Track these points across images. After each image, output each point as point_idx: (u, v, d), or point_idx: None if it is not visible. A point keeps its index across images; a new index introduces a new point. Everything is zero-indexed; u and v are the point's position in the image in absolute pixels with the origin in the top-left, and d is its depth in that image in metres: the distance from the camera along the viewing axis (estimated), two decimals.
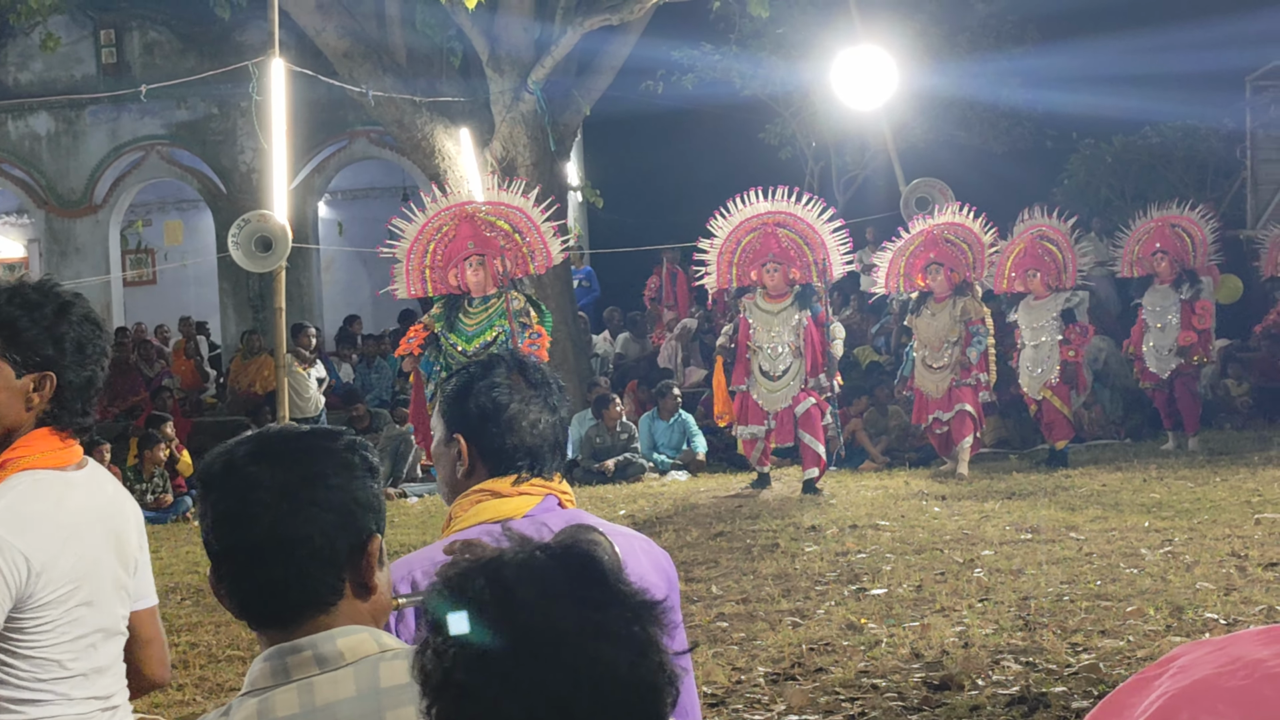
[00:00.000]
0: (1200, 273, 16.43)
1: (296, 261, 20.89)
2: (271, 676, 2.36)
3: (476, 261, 13.12)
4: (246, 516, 2.38)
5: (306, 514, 2.38)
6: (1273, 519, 11.61)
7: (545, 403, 3.32)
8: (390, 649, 2.40)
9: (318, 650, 2.36)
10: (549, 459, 3.32)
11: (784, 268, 14.44)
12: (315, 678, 2.35)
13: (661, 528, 12.79)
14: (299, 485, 2.39)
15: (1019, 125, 25.10)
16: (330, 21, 18.19)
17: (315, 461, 2.43)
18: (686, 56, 23.58)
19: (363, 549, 2.44)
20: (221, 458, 2.45)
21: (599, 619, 1.76)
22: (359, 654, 2.37)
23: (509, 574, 1.80)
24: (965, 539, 11.47)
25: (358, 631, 2.40)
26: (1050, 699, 7.12)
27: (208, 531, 2.44)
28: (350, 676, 2.35)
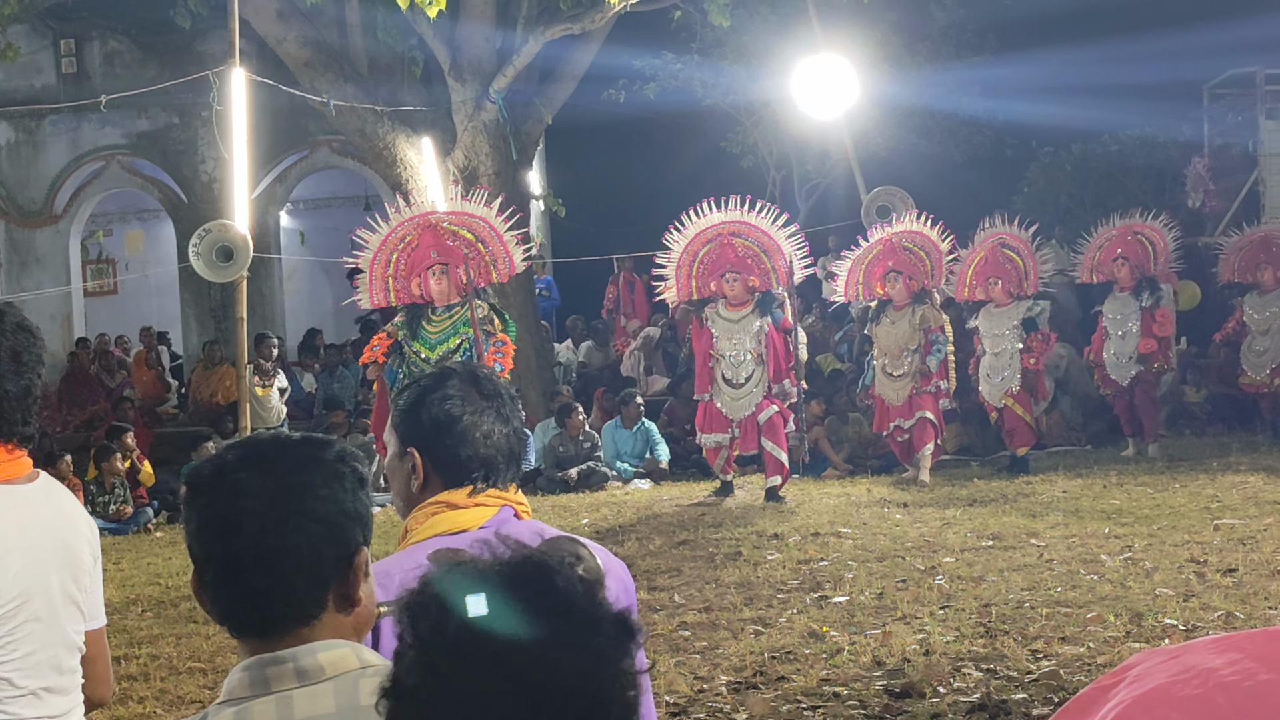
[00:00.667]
0: (1160, 280, 16.52)
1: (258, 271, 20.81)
2: (250, 687, 2.34)
3: (439, 271, 13.11)
4: (233, 524, 2.36)
5: (295, 524, 2.36)
6: (1231, 525, 11.68)
7: (498, 414, 3.31)
8: (371, 665, 2.39)
9: (298, 663, 2.34)
10: (504, 470, 3.31)
11: (743, 277, 14.47)
12: (295, 691, 2.33)
13: (624, 536, 12.79)
14: (288, 495, 2.37)
15: (979, 134, 25.24)
16: (291, 30, 18.15)
17: (305, 471, 2.41)
18: (648, 65, 23.64)
19: (349, 562, 2.42)
20: (211, 462, 2.44)
21: (550, 630, 1.77)
22: (340, 669, 2.35)
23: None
24: (927, 546, 11.51)
25: (339, 646, 2.38)
26: (1011, 706, 7.15)
27: (192, 536, 2.41)
28: (330, 692, 2.33)
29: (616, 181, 27.20)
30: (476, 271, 13.24)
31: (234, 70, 13.85)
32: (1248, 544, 10.88)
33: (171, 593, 11.58)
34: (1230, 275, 17.04)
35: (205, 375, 20.24)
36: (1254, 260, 16.73)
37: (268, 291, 23.06)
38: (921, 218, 15.63)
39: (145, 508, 15.87)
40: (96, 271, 26.42)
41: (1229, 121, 23.70)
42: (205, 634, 9.89)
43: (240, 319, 13.80)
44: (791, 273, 14.62)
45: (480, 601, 1.77)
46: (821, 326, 21.10)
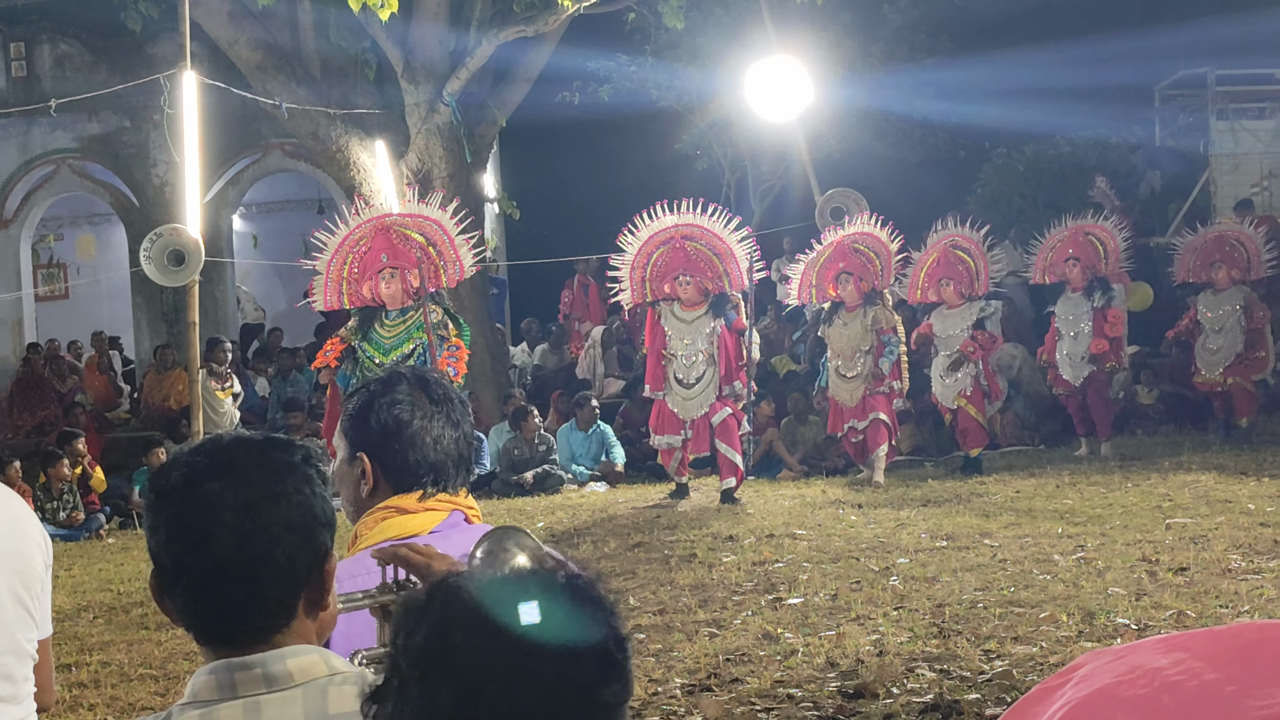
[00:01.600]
0: (1112, 281, 16.61)
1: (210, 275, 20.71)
2: (217, 691, 2.31)
3: (390, 274, 13.07)
4: (206, 536, 2.31)
5: (270, 535, 2.33)
6: (1183, 524, 11.75)
7: (448, 418, 3.30)
8: (339, 672, 2.37)
9: (267, 669, 2.31)
10: (454, 475, 3.29)
11: (696, 280, 14.48)
12: (262, 697, 2.30)
13: (580, 539, 12.78)
14: (262, 504, 2.33)
15: (933, 135, 25.31)
16: (243, 33, 18.08)
17: (278, 478, 2.37)
18: (602, 67, 23.62)
19: (320, 567, 2.40)
20: (179, 471, 2.37)
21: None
22: (308, 676, 2.33)
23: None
24: (881, 547, 11.53)
25: (308, 652, 2.36)
26: (963, 706, 7.17)
27: (160, 546, 2.35)
28: (299, 699, 2.31)
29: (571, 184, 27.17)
30: (427, 275, 13.21)
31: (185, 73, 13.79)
32: (1199, 543, 10.94)
33: (123, 599, 11.51)
34: (1185, 275, 17.14)
35: (158, 380, 20.12)
36: (1208, 259, 16.83)
37: (220, 295, 22.95)
38: (872, 219, 15.67)
39: (97, 514, 15.77)
40: (48, 276, 26.25)
41: (1180, 123, 23.88)
42: (157, 640, 9.84)
43: (192, 323, 13.72)
44: (751, 273, 14.65)
45: (533, 610, 1.78)
46: (777, 328, 21.12)
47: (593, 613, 1.82)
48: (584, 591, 1.84)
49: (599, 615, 1.83)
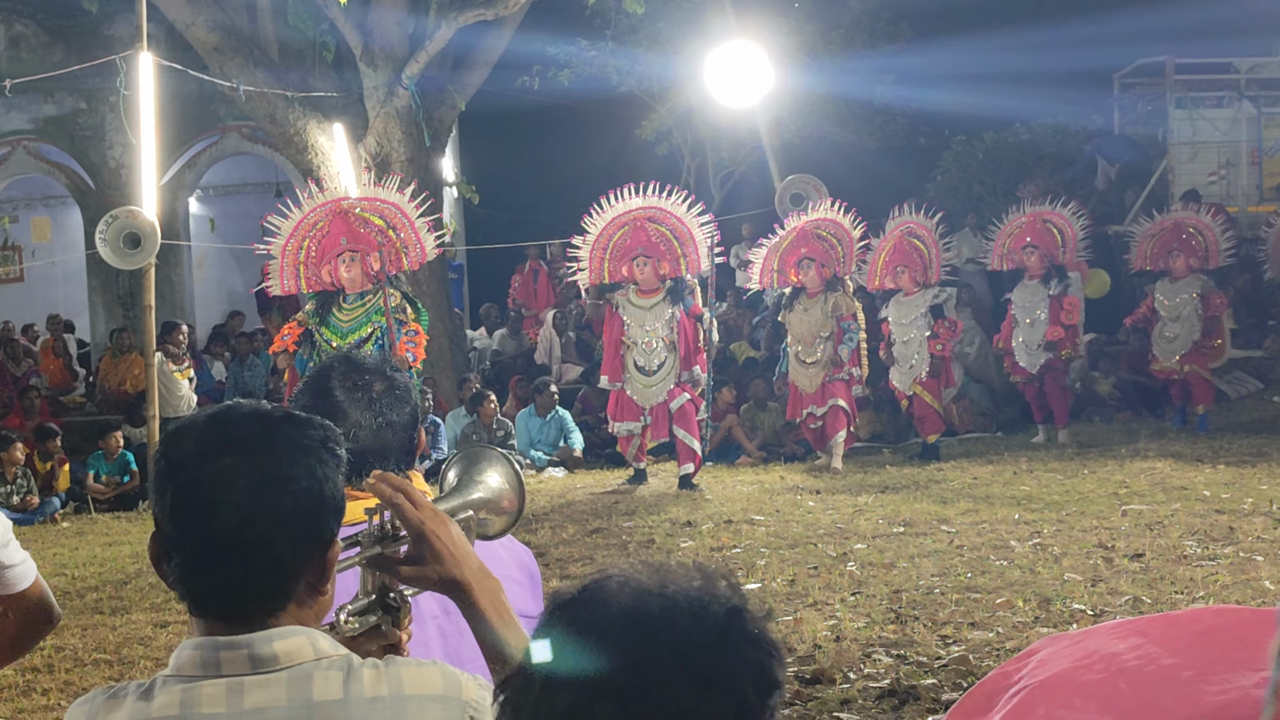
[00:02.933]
0: (1069, 268, 16.67)
1: (167, 258, 20.60)
2: (201, 667, 2.28)
3: (350, 257, 13.00)
4: (211, 512, 2.27)
5: (275, 518, 2.28)
6: (1139, 510, 11.79)
7: (369, 405, 3.24)
8: (326, 655, 2.33)
9: (253, 650, 2.28)
10: (379, 462, 3.21)
11: (653, 262, 14.43)
12: (246, 678, 2.27)
13: (538, 525, 12.75)
14: (271, 485, 2.29)
15: (892, 122, 25.36)
16: (200, 15, 17.96)
17: (291, 459, 2.32)
18: (562, 52, 23.57)
19: (323, 553, 2.36)
20: (192, 439, 2.32)
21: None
22: (294, 659, 2.29)
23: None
24: (839, 533, 11.55)
25: (296, 634, 2.32)
26: (920, 691, 7.18)
27: (165, 514, 2.31)
28: (283, 683, 2.28)
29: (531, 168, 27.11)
30: (388, 258, 13.14)
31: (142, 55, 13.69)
32: (1155, 529, 10.99)
33: (78, 583, 11.43)
34: (1142, 263, 17.19)
35: (114, 363, 19.99)
36: (1166, 247, 16.88)
37: (177, 279, 22.82)
38: (835, 205, 15.68)
39: (52, 499, 15.67)
40: (2, 259, 25.99)
41: (1139, 110, 24.00)
42: (111, 625, 9.78)
43: (148, 306, 13.64)
44: (711, 257, 14.64)
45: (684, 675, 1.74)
46: (736, 314, 21.13)
47: (742, 649, 1.78)
48: (740, 627, 1.80)
49: (749, 653, 1.79)
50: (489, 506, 2.77)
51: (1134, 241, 17.45)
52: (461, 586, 2.56)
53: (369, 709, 2.30)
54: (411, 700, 2.33)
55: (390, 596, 2.56)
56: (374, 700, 2.31)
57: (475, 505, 2.74)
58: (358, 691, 2.31)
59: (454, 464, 2.80)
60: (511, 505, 2.80)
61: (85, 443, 17.34)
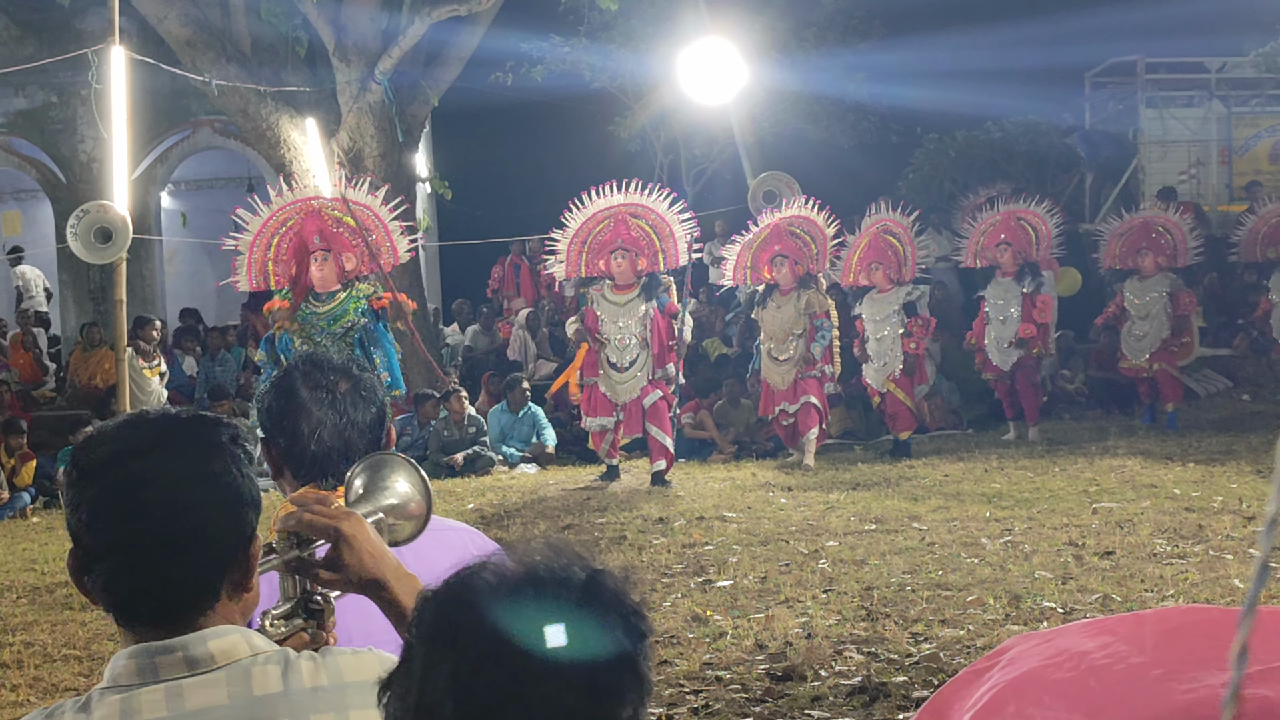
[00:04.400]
0: (1043, 266, 16.72)
1: (138, 253, 20.53)
2: (138, 675, 2.27)
3: (322, 256, 13.00)
4: (135, 514, 2.26)
5: (200, 515, 2.29)
6: (1109, 508, 11.85)
7: (332, 405, 3.25)
8: (261, 651, 2.34)
9: (188, 652, 2.28)
10: (344, 461, 3.22)
11: (630, 255, 14.43)
12: (184, 680, 2.26)
13: (510, 521, 12.76)
14: (192, 483, 2.29)
15: (865, 119, 25.40)
16: (172, 9, 17.89)
17: (207, 457, 2.33)
18: (536, 48, 23.56)
19: (245, 548, 2.36)
20: (106, 446, 2.31)
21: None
22: (231, 657, 2.30)
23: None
24: (810, 530, 11.57)
25: (229, 633, 2.32)
26: (891, 689, 7.20)
27: (82, 524, 2.29)
28: (222, 681, 2.28)
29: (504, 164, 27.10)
30: (360, 259, 13.16)
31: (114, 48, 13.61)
32: (1125, 527, 11.04)
33: (47, 579, 11.39)
34: (1111, 262, 17.26)
35: (84, 358, 19.91)
36: (1135, 246, 16.94)
37: (148, 273, 22.75)
38: (808, 203, 15.69)
39: (22, 493, 15.60)
40: None
41: (1110, 109, 24.09)
42: (81, 621, 9.75)
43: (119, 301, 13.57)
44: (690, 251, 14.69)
45: (560, 632, 1.78)
46: (708, 311, 21.14)
47: (608, 606, 1.82)
48: (602, 587, 1.84)
49: (615, 609, 1.83)
50: (397, 512, 2.78)
51: (1103, 240, 17.52)
52: (381, 585, 2.57)
53: (311, 699, 2.32)
54: (352, 687, 2.35)
55: (313, 600, 2.57)
56: (315, 690, 2.33)
57: (385, 511, 2.76)
58: (298, 683, 2.32)
59: (360, 472, 2.81)
60: (419, 509, 2.81)
61: (55, 437, 17.26)
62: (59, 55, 17.83)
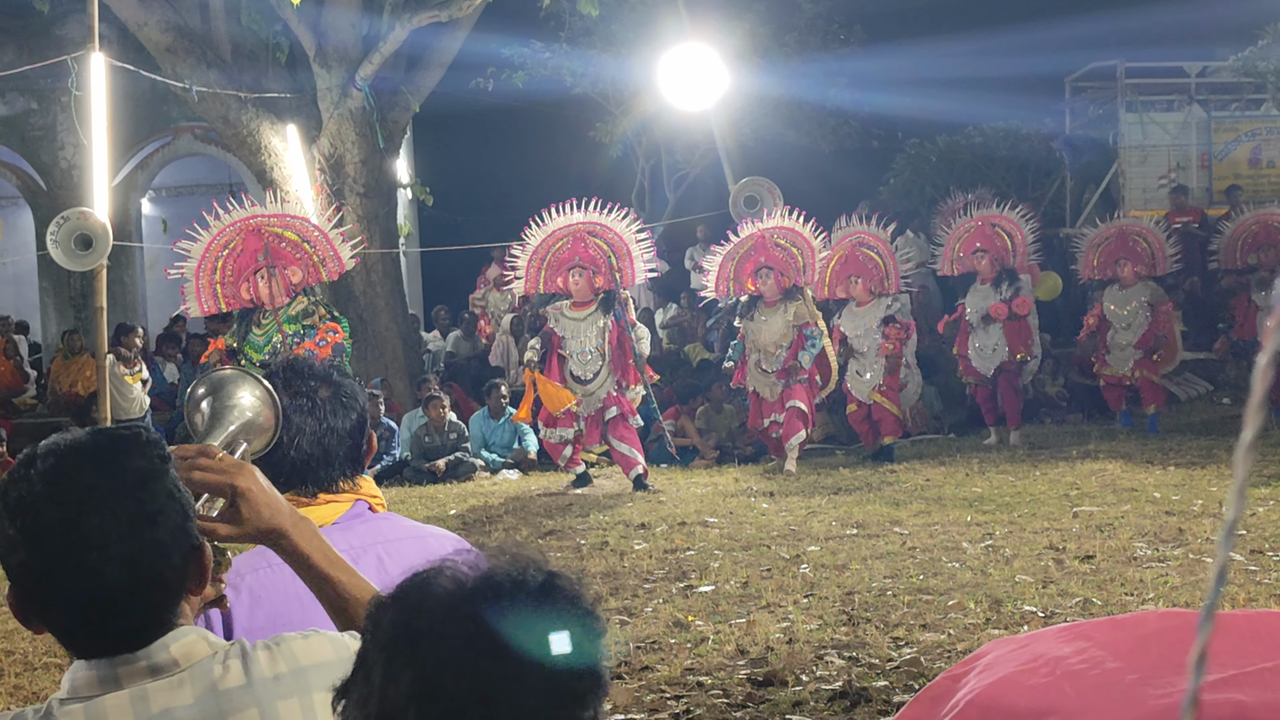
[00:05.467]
0: (1019, 271, 16.75)
1: (119, 260, 20.51)
2: (100, 685, 2.25)
3: (268, 273, 13.09)
4: (95, 571, 2.20)
5: (157, 552, 2.25)
6: (1089, 512, 11.87)
7: (311, 412, 3.22)
8: (220, 648, 2.34)
9: (152, 660, 2.26)
10: (319, 470, 3.22)
11: (588, 273, 14.50)
12: (149, 685, 2.25)
13: (492, 527, 12.75)
14: (144, 525, 2.23)
15: (846, 125, 25.44)
16: (152, 15, 17.87)
17: (150, 493, 2.26)
18: (517, 54, 23.57)
19: (199, 559, 2.34)
20: (41, 483, 2.22)
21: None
22: (192, 659, 2.29)
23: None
24: (792, 535, 11.58)
25: (187, 634, 2.31)
26: (872, 693, 7.21)
27: (22, 565, 2.21)
28: (187, 683, 2.27)
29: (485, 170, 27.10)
30: (305, 272, 13.25)
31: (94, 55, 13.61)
32: (1105, 531, 11.06)
33: None
34: (1090, 272, 17.28)
35: (65, 365, 19.88)
36: (1113, 255, 16.96)
37: (129, 281, 22.72)
38: (793, 214, 15.65)
39: None
40: None
41: (1090, 114, 24.15)
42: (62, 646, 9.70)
43: (100, 308, 13.57)
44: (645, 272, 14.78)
45: (523, 637, 1.79)
46: (690, 317, 21.15)
47: (565, 608, 1.83)
48: (558, 590, 1.85)
49: (571, 611, 1.84)
50: (251, 429, 2.77)
51: (1080, 252, 17.54)
52: (280, 533, 2.57)
53: (275, 687, 2.33)
54: (311, 670, 2.36)
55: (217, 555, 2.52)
56: (276, 678, 2.33)
57: (241, 432, 2.74)
58: (259, 673, 2.33)
59: (202, 398, 2.78)
60: (269, 420, 2.80)
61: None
62: (39, 62, 17.80)
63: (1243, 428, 1.38)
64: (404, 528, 3.34)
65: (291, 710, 2.33)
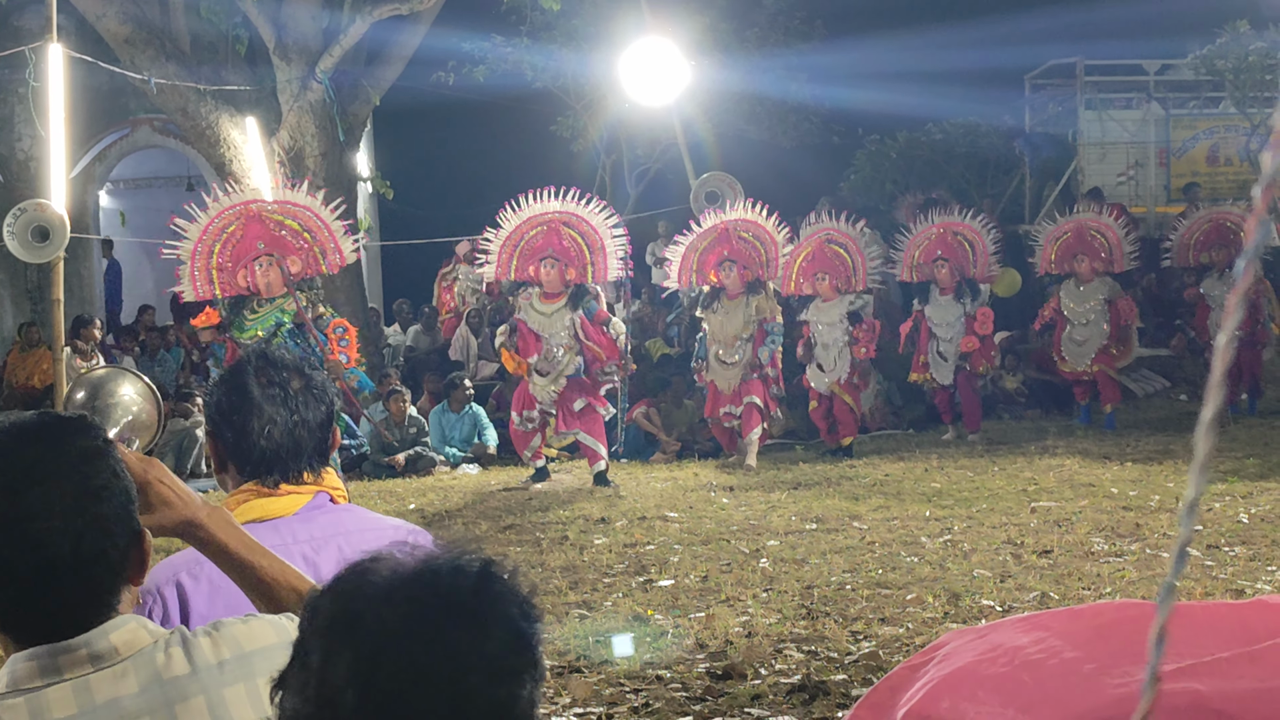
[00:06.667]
0: (980, 280, 16.77)
1: (77, 252, 20.37)
2: (40, 675, 2.23)
3: (267, 262, 12.93)
4: (39, 544, 2.19)
5: (102, 530, 2.25)
6: (1047, 507, 11.94)
7: (284, 402, 3.22)
8: (160, 636, 2.33)
9: (92, 648, 2.25)
10: (288, 460, 3.22)
11: (560, 265, 14.43)
12: (90, 675, 2.24)
13: (451, 521, 12.74)
14: (89, 500, 2.24)
15: (807, 120, 25.47)
16: (111, 7, 17.76)
17: (95, 469, 2.27)
18: (478, 48, 23.50)
19: (140, 546, 2.33)
20: None
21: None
22: (134, 647, 2.28)
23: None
24: (752, 529, 11.60)
25: (127, 622, 2.30)
26: (830, 687, 7.23)
27: None
28: (130, 671, 2.26)
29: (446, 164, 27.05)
30: (305, 262, 13.09)
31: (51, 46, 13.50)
32: (1063, 525, 11.13)
33: None
34: (1047, 266, 17.33)
35: (22, 358, 19.74)
36: (1070, 251, 17.01)
37: (86, 273, 22.58)
38: (758, 208, 15.65)
39: None
40: None
41: (1049, 110, 24.27)
42: None
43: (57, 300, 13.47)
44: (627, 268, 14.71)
45: (460, 616, 1.81)
46: (651, 312, 21.15)
47: (501, 590, 1.85)
48: (494, 574, 1.86)
49: (507, 593, 1.85)
50: (136, 426, 2.76)
51: (1038, 245, 17.59)
52: (195, 524, 2.58)
53: (220, 674, 2.33)
54: (255, 655, 2.37)
55: None
56: (221, 665, 2.34)
57: (128, 430, 2.73)
58: (203, 660, 2.33)
59: (83, 402, 2.77)
60: (152, 417, 2.80)
61: None
62: None
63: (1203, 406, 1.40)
64: (366, 520, 3.34)
65: (238, 696, 2.33)
